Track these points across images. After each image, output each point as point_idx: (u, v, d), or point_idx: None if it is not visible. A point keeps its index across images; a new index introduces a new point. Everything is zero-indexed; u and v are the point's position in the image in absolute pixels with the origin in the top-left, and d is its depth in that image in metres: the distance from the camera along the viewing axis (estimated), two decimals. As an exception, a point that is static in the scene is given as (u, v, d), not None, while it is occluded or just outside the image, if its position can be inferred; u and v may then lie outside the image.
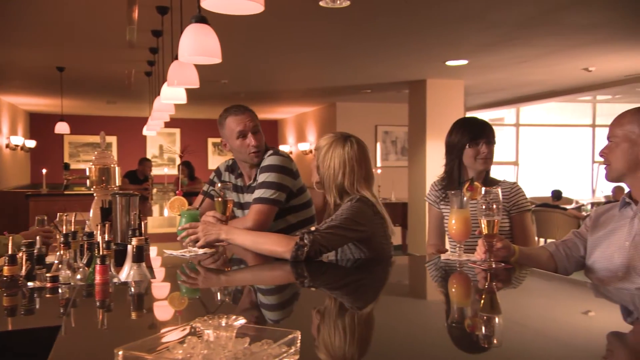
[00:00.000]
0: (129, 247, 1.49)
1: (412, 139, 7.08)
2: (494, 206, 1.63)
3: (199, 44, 2.09)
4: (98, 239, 1.52)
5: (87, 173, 2.52)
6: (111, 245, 1.63)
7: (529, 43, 4.87)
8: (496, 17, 4.08)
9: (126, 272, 1.50)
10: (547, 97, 8.07)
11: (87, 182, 2.52)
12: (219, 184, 2.09)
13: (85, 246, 1.65)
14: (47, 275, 1.45)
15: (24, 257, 1.48)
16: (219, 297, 1.44)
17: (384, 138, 9.09)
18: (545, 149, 10.58)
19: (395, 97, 8.11)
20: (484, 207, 1.64)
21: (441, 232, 2.30)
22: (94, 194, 2.51)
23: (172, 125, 9.82)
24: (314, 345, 1.00)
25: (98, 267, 1.41)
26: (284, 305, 1.43)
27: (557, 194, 8.15)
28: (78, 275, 1.50)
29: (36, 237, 1.63)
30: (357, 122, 8.62)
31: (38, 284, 1.47)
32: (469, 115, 5.42)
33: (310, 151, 9.91)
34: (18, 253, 1.45)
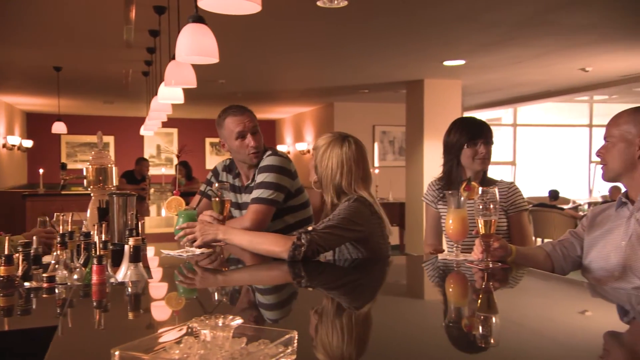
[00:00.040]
0: (126, 247, 1.49)
1: (409, 139, 7.09)
2: (491, 206, 1.63)
3: (196, 44, 2.09)
4: (95, 239, 1.52)
5: (84, 173, 2.51)
6: (108, 246, 1.63)
7: (526, 43, 4.88)
8: (493, 18, 4.09)
9: (123, 272, 1.50)
10: (544, 97, 8.08)
11: (84, 182, 2.52)
12: (216, 184, 2.09)
13: (82, 246, 1.65)
14: (44, 275, 1.45)
15: (20, 257, 1.48)
16: (216, 297, 1.44)
17: (382, 138, 9.09)
18: (543, 149, 10.60)
19: (392, 97, 8.11)
20: (481, 207, 1.64)
21: (438, 232, 2.31)
22: (91, 194, 2.51)
23: (170, 125, 9.81)
24: (312, 345, 0.99)
25: (95, 267, 1.41)
26: (281, 305, 1.43)
27: (554, 194, 8.17)
28: (75, 276, 1.50)
29: (33, 237, 1.63)
30: (354, 122, 8.63)
31: (34, 284, 1.47)
32: (467, 115, 5.43)
33: (308, 151, 9.91)
34: (15, 253, 1.45)
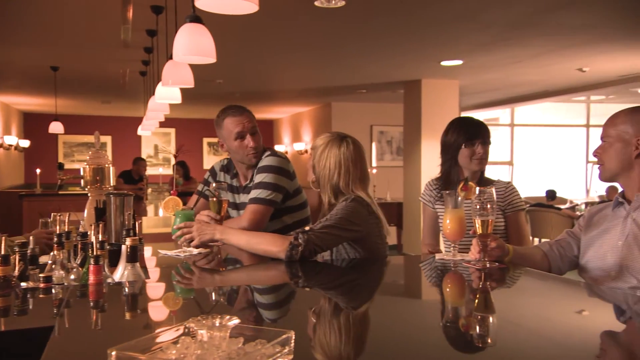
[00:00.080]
0: (123, 247, 1.49)
1: (407, 139, 7.09)
2: (488, 206, 1.63)
3: (193, 44, 2.09)
4: (92, 239, 1.52)
5: (82, 173, 2.51)
6: (105, 246, 1.63)
7: (523, 43, 4.89)
8: (490, 18, 4.10)
9: (120, 272, 1.49)
10: (542, 97, 8.10)
11: (82, 182, 2.51)
12: (214, 184, 2.09)
13: (79, 246, 1.64)
14: (41, 275, 1.45)
15: (17, 257, 1.48)
16: (213, 297, 1.43)
17: (379, 138, 9.09)
18: (540, 149, 10.62)
19: (390, 97, 8.12)
20: (478, 206, 1.64)
21: (435, 232, 2.31)
22: (88, 194, 2.51)
23: (167, 125, 9.78)
24: (309, 345, 0.99)
25: (92, 267, 1.41)
26: (278, 305, 1.42)
27: (551, 194, 8.18)
28: (72, 276, 1.50)
29: (30, 237, 1.62)
30: (352, 122, 8.63)
31: (31, 284, 1.46)
32: (464, 115, 5.43)
33: (306, 151, 9.91)
34: (11, 254, 1.44)
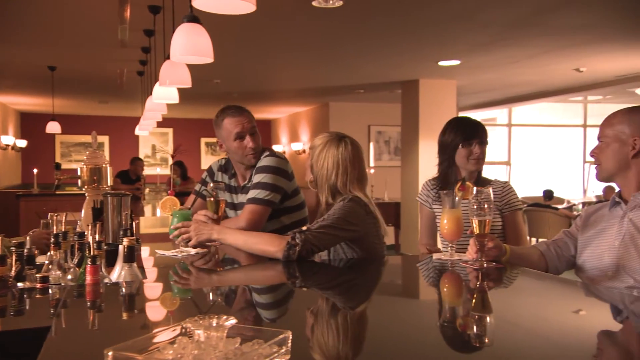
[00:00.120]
0: (120, 247, 1.48)
1: (404, 139, 7.09)
2: (486, 206, 1.64)
3: (190, 44, 2.08)
4: (89, 239, 1.51)
5: (79, 173, 2.50)
6: (102, 246, 1.63)
7: (520, 43, 4.90)
8: (488, 18, 4.10)
9: (117, 272, 1.49)
10: (539, 97, 8.11)
11: (79, 182, 2.51)
12: (211, 184, 2.09)
13: (76, 246, 1.64)
14: (37, 275, 1.44)
15: (13, 257, 1.47)
16: (210, 297, 1.43)
17: (377, 138, 9.10)
18: (537, 149, 10.64)
19: (388, 97, 8.12)
20: (475, 206, 1.64)
21: (433, 232, 2.31)
22: (86, 194, 2.50)
23: (165, 125, 9.79)
24: (306, 345, 0.99)
25: (89, 267, 1.41)
26: (276, 305, 1.42)
27: (548, 194, 8.20)
28: (69, 276, 1.50)
29: (26, 237, 1.62)
30: (350, 122, 8.63)
31: (28, 284, 1.46)
32: (462, 115, 5.44)
33: (304, 151, 9.91)
34: (8, 254, 1.44)
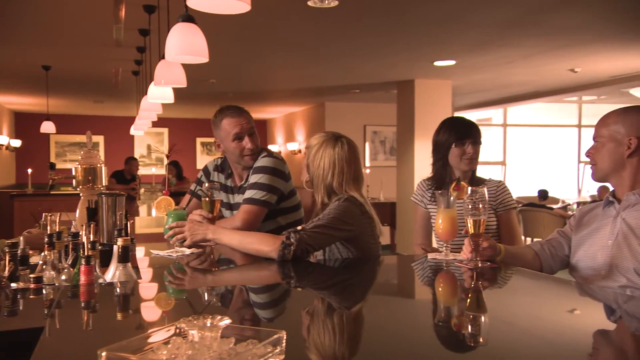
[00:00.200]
0: (115, 248, 1.48)
1: (400, 139, 7.10)
2: (480, 206, 1.64)
3: (185, 43, 2.08)
4: (83, 240, 1.51)
5: (73, 173, 2.50)
6: (96, 246, 1.62)
7: (515, 44, 4.91)
8: (483, 18, 4.11)
9: (112, 272, 1.48)
10: (534, 97, 8.14)
11: (73, 182, 2.50)
12: (206, 184, 2.08)
13: (70, 247, 1.63)
14: (31, 276, 1.44)
15: (7, 257, 1.47)
16: (205, 297, 1.43)
17: (373, 138, 9.11)
18: (532, 149, 10.67)
19: (383, 97, 8.13)
20: (470, 206, 1.65)
21: (428, 232, 2.31)
22: (80, 194, 2.49)
23: (160, 124, 9.74)
24: (301, 345, 0.99)
25: (83, 267, 1.40)
26: (270, 305, 1.42)
27: (543, 194, 8.22)
28: (63, 276, 1.49)
29: (20, 238, 1.61)
30: (346, 122, 8.63)
31: (22, 284, 1.45)
32: (457, 115, 5.45)
33: (299, 151, 9.91)
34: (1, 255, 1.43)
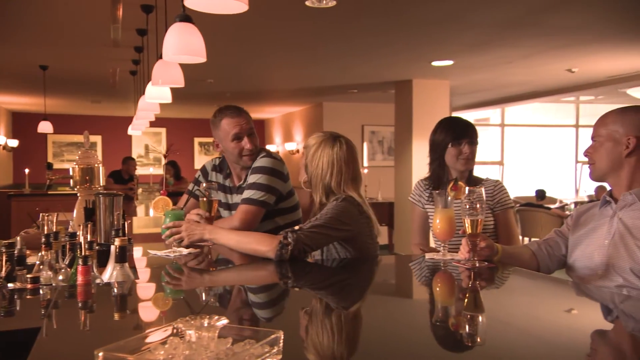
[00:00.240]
0: (112, 248, 1.48)
1: (398, 139, 7.11)
2: (478, 205, 1.64)
3: (183, 43, 2.08)
4: (80, 240, 1.51)
5: (71, 173, 2.49)
6: (94, 246, 1.62)
7: (513, 44, 4.92)
8: (481, 18, 4.12)
9: (109, 272, 1.48)
10: (532, 97, 8.15)
11: (71, 182, 2.49)
12: (204, 184, 2.08)
13: (67, 247, 1.63)
14: (28, 276, 1.43)
15: (4, 257, 1.46)
16: (203, 297, 1.43)
17: (371, 138, 9.11)
18: (530, 149, 10.68)
19: (381, 97, 8.13)
20: (467, 206, 1.65)
21: (425, 232, 2.31)
22: (78, 194, 2.49)
23: (158, 124, 9.72)
24: (299, 345, 0.99)
25: (80, 267, 1.40)
26: (268, 305, 1.42)
27: (541, 194, 8.24)
28: (60, 276, 1.49)
29: (17, 238, 1.61)
30: (343, 122, 8.63)
31: (18, 285, 1.45)
32: (455, 115, 5.46)
33: (297, 151, 9.90)
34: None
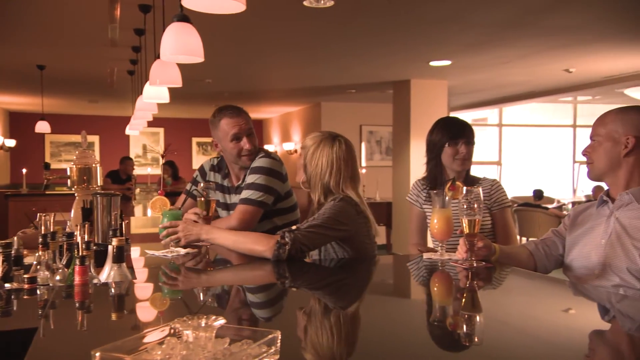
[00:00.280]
0: (110, 248, 1.47)
1: (396, 139, 7.11)
2: (475, 205, 1.64)
3: (180, 43, 2.07)
4: (78, 240, 1.50)
5: (68, 173, 2.49)
6: (91, 246, 1.61)
7: (511, 44, 4.93)
8: (479, 18, 4.12)
9: (106, 272, 1.48)
10: (529, 97, 8.16)
11: (68, 182, 2.49)
12: (202, 184, 2.08)
13: (64, 247, 1.63)
14: (25, 276, 1.43)
15: (1, 258, 1.46)
16: (201, 297, 1.43)
17: (369, 138, 9.11)
18: (528, 149, 10.70)
19: (379, 97, 8.14)
20: (465, 206, 1.65)
21: (423, 232, 2.32)
22: (75, 194, 2.48)
23: (156, 124, 9.74)
24: (296, 345, 0.99)
25: (77, 267, 1.39)
26: (265, 305, 1.42)
27: (538, 194, 8.25)
28: (57, 276, 1.48)
29: (14, 238, 1.60)
30: (341, 122, 8.64)
31: (16, 285, 1.44)
32: (453, 115, 5.47)
33: (295, 151, 9.90)
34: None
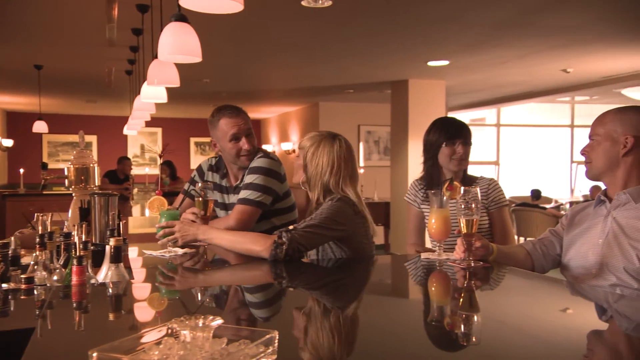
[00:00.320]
0: (107, 248, 1.47)
1: (394, 139, 7.12)
2: (473, 205, 1.65)
3: (178, 43, 2.07)
4: (75, 240, 1.50)
5: (66, 173, 2.48)
6: (89, 246, 1.61)
7: (508, 44, 4.93)
8: (477, 18, 4.12)
9: (104, 273, 1.48)
10: (527, 97, 8.17)
11: (66, 182, 2.48)
12: (200, 184, 2.08)
13: (62, 247, 1.63)
14: (22, 276, 1.43)
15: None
16: (199, 297, 1.43)
17: (367, 138, 9.12)
18: (526, 149, 10.71)
19: (377, 97, 8.14)
20: (463, 206, 1.65)
21: (420, 232, 2.32)
22: (73, 194, 2.48)
23: (154, 124, 9.72)
24: (294, 345, 0.99)
25: (75, 268, 1.39)
26: (263, 305, 1.42)
27: (536, 194, 8.26)
28: (54, 277, 1.48)
29: (11, 238, 1.60)
30: (340, 121, 8.63)
31: (13, 285, 1.44)
32: (450, 115, 5.47)
33: (294, 151, 9.90)
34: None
